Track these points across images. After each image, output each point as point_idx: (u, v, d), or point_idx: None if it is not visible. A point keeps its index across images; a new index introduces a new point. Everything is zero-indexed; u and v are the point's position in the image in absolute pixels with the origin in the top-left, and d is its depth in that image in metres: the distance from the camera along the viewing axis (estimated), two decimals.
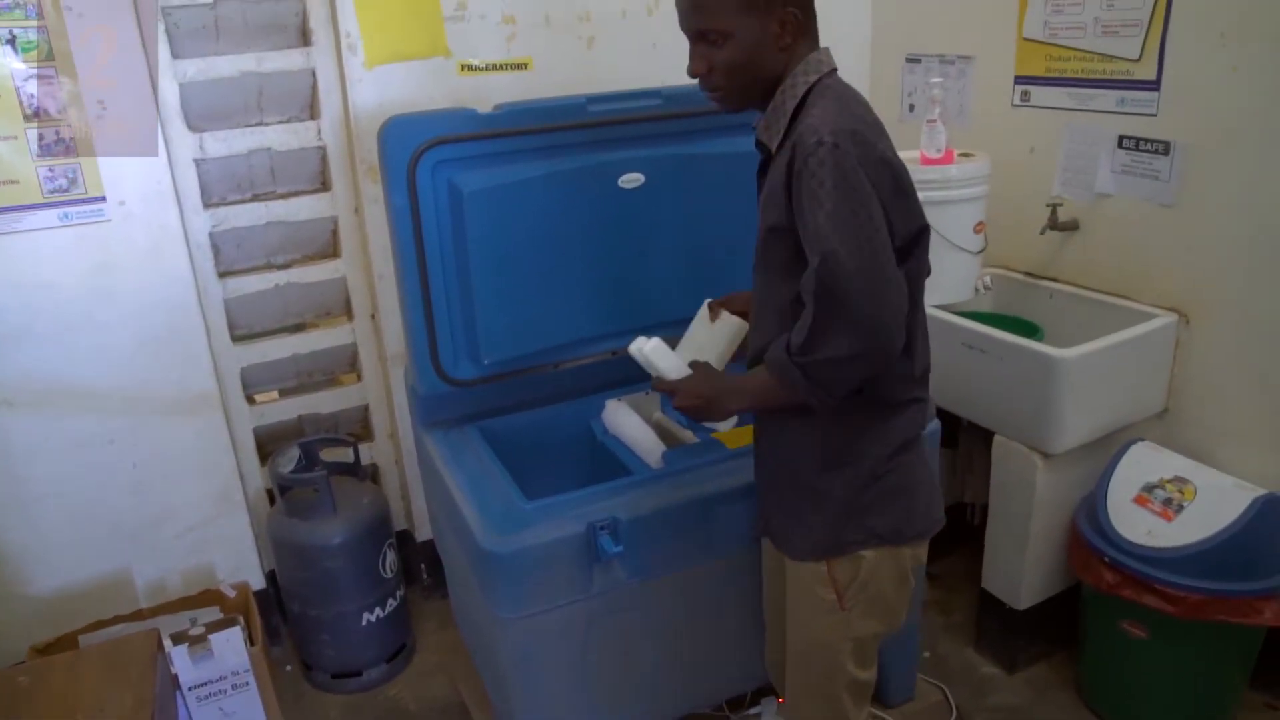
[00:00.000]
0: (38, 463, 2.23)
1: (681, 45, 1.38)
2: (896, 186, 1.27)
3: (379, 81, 2.30)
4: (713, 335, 1.68)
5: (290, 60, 2.31)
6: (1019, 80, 2.46)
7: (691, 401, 1.42)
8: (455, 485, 1.75)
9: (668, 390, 1.47)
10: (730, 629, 1.87)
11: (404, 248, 1.80)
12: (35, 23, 1.99)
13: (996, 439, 2.19)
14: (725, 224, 2.02)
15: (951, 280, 2.32)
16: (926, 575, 2.23)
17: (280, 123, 2.38)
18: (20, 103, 2.02)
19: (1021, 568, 2.22)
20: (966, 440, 2.56)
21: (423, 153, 1.75)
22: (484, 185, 1.79)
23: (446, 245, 1.82)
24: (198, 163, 2.28)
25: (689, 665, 1.87)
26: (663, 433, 2.06)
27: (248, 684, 2.15)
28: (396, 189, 1.76)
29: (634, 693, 1.83)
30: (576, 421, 2.11)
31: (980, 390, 2.22)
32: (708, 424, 1.66)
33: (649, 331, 1.60)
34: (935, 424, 1.86)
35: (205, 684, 2.10)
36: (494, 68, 2.41)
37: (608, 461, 1.99)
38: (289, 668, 2.54)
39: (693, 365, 1.52)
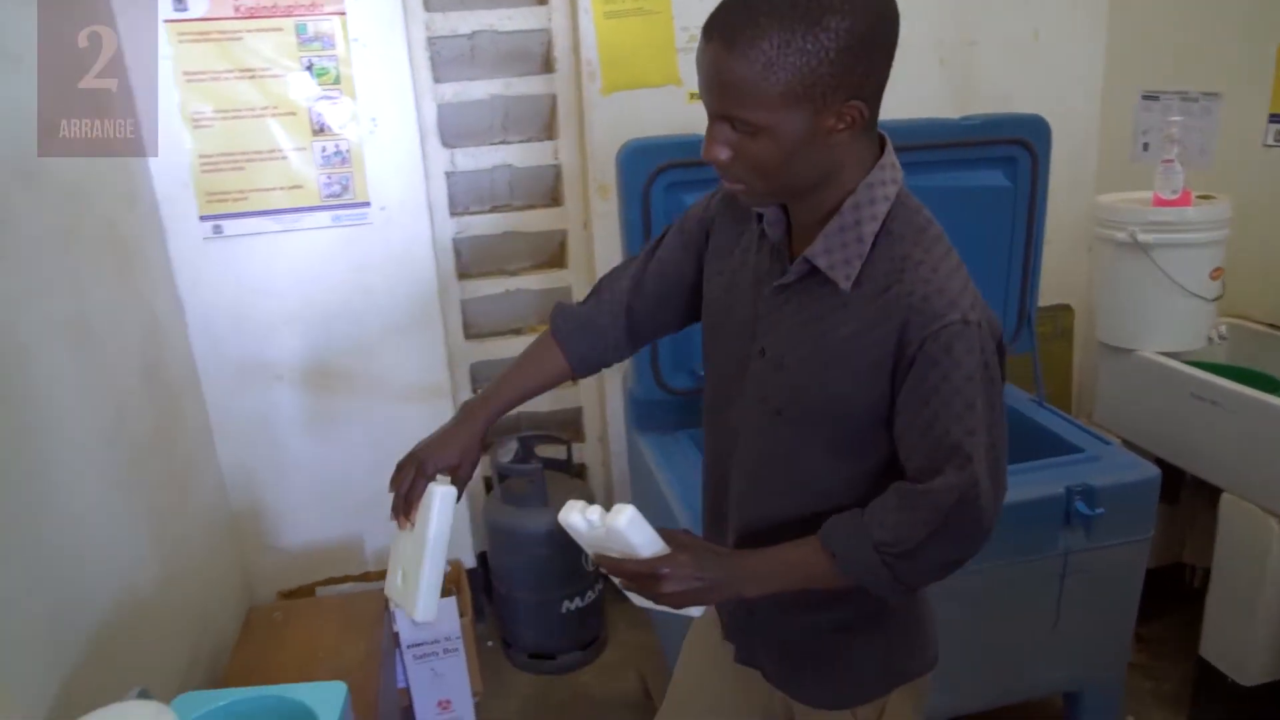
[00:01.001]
0: (296, 434, 2.53)
1: (907, 77, 1.25)
2: (999, 352, 1.05)
3: (613, 106, 2.47)
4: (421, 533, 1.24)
5: (534, 85, 2.53)
6: (1274, 118, 2.32)
7: (688, 585, 1.04)
8: (666, 485, 1.86)
9: (642, 574, 1.04)
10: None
11: None
12: (330, 52, 2.29)
13: (1225, 497, 2.08)
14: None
15: (1181, 327, 2.22)
16: (1136, 637, 2.14)
17: (521, 142, 2.60)
18: (310, 120, 2.32)
19: (1249, 640, 2.07)
20: (1189, 496, 2.42)
21: (658, 174, 1.88)
22: None
23: None
24: (448, 175, 2.53)
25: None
26: None
27: (456, 650, 2.35)
28: (631, 206, 1.90)
29: None
30: None
31: (1208, 444, 2.11)
32: (675, 610, 1.09)
33: None
34: (1155, 472, 1.80)
35: (421, 644, 2.32)
36: None
37: None
38: (490, 643, 2.73)
39: (671, 537, 1.07)
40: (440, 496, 1.21)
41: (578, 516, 1.07)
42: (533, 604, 2.53)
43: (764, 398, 1.11)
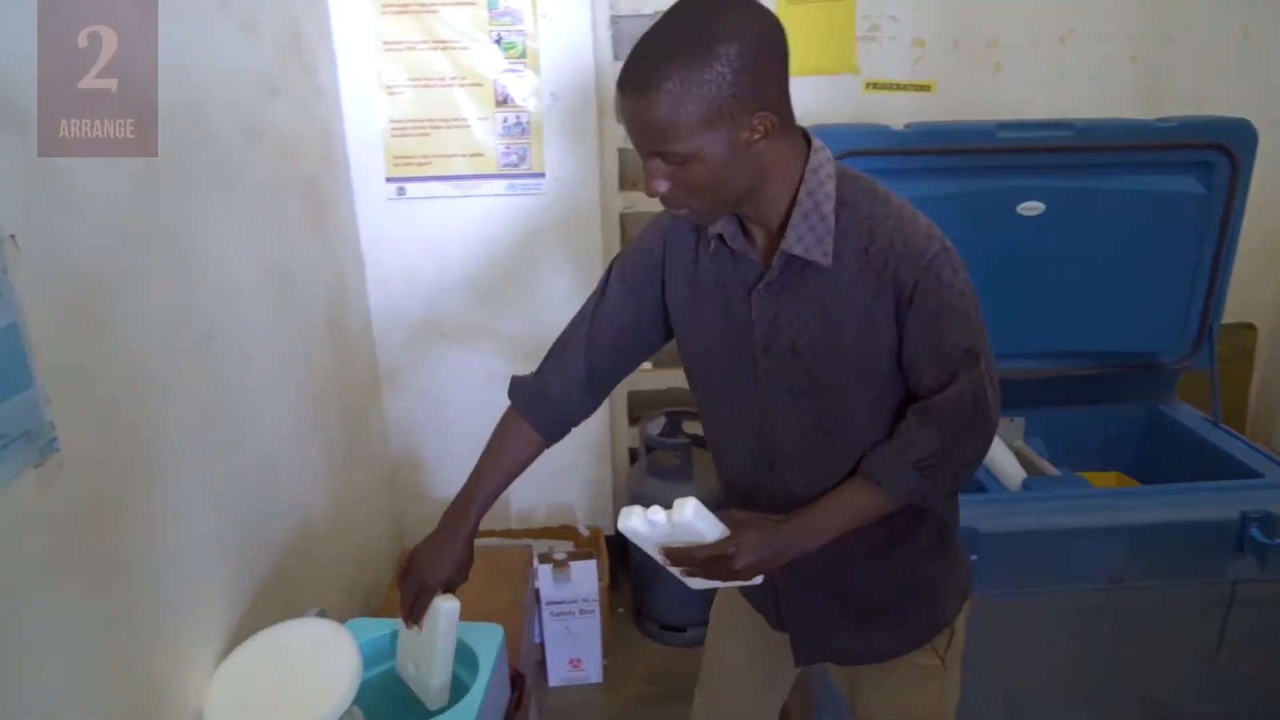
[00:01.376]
0: (455, 390, 2.66)
1: (1092, 74, 1.26)
2: None
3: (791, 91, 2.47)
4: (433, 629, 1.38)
5: None
6: None
7: (758, 557, 1.13)
8: None
9: (714, 556, 1.13)
10: (1054, 664, 1.84)
11: None
12: (518, 26, 2.38)
13: None
14: (1120, 263, 1.99)
15: None
16: None
17: None
18: (495, 91, 2.42)
19: None
20: None
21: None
22: None
23: None
24: (620, 151, 2.59)
25: (1000, 692, 1.86)
26: (1023, 460, 2.05)
27: (593, 611, 2.43)
28: None
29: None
30: None
31: None
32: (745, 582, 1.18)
33: None
34: None
35: (560, 602, 2.41)
36: (898, 87, 2.50)
37: None
38: (621, 610, 2.81)
39: (727, 517, 1.16)
40: (445, 614, 1.37)
41: (639, 520, 1.13)
42: (669, 575, 2.56)
43: (786, 387, 1.19)
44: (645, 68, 1.01)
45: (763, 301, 1.17)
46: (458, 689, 1.47)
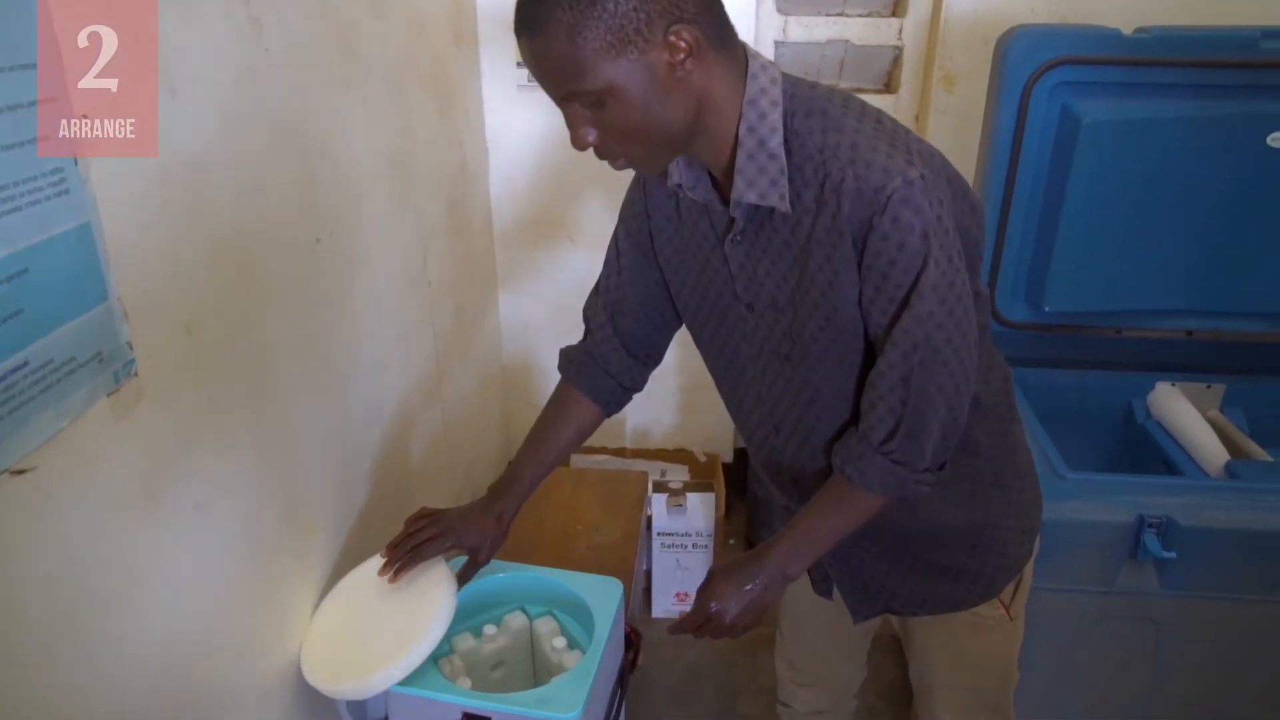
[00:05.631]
0: (580, 298, 2.45)
1: None
2: (970, 205, 0.99)
3: None
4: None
5: None
6: None
7: (741, 604, 1.07)
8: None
9: (700, 620, 1.09)
10: (1252, 682, 1.60)
11: (993, 171, 1.67)
12: None
13: None
14: None
15: None
16: None
17: (862, 16, 2.31)
18: None
19: None
20: None
21: (1044, 71, 1.58)
22: (1108, 118, 1.59)
23: (1042, 176, 1.67)
24: (777, 45, 2.31)
25: (1186, 703, 1.63)
26: (1222, 435, 1.76)
27: (706, 547, 2.28)
28: (1005, 106, 1.62)
29: (1114, 706, 1.65)
30: (1115, 394, 1.88)
31: None
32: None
33: None
34: None
35: (673, 534, 2.26)
36: None
37: (1148, 449, 1.77)
38: (732, 542, 2.66)
39: (699, 591, 1.12)
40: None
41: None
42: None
43: (773, 348, 1.06)
44: (532, 3, 0.86)
45: (738, 255, 1.03)
46: (571, 645, 1.34)
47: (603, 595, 1.35)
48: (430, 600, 1.22)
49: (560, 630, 1.38)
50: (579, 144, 0.93)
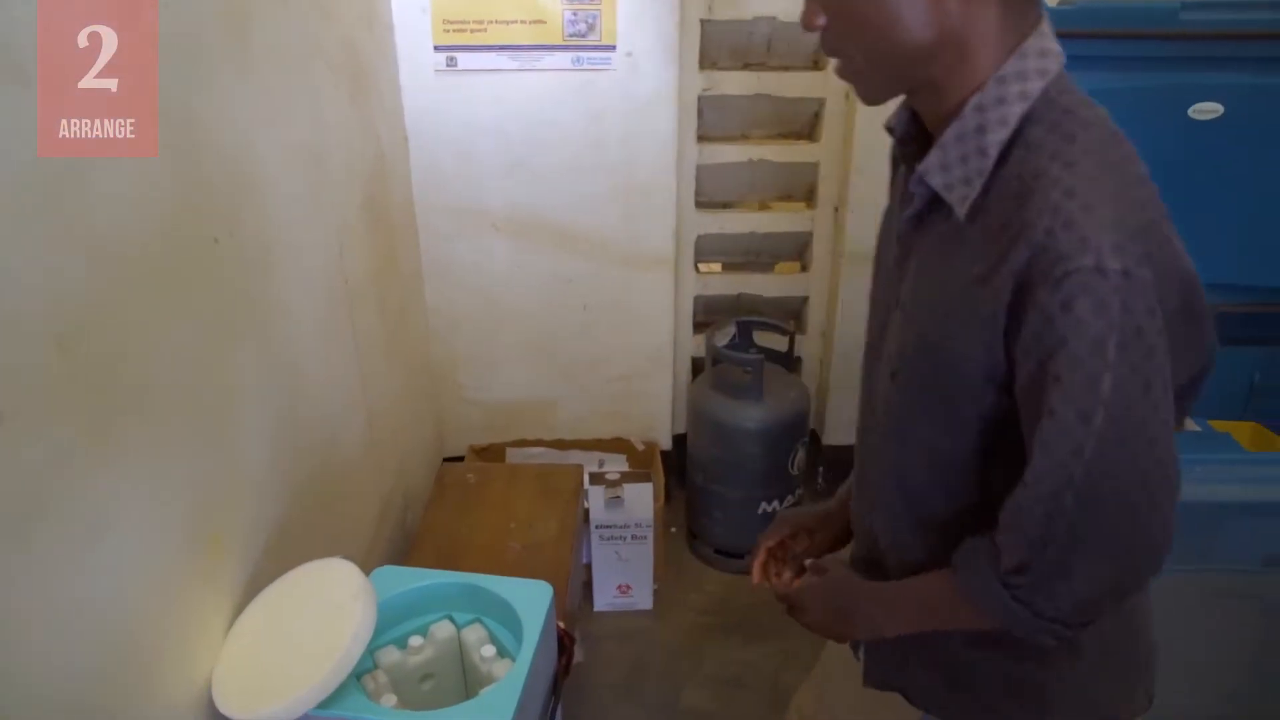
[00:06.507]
0: (509, 289, 2.42)
1: None
2: (1189, 312, 0.79)
3: None
4: None
5: None
6: None
7: (815, 617, 1.00)
8: None
9: (786, 598, 1.04)
10: None
11: None
12: None
13: None
14: None
15: None
16: None
17: None
18: None
19: None
20: None
21: None
22: None
23: None
24: (704, 23, 2.25)
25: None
26: None
27: (646, 538, 2.25)
28: None
29: None
30: None
31: None
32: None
33: None
34: None
35: (612, 526, 2.22)
36: None
37: None
38: (674, 529, 2.63)
39: (817, 566, 1.04)
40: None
41: None
42: (730, 500, 2.38)
43: (889, 356, 0.91)
44: None
45: (908, 240, 0.89)
46: (501, 653, 1.29)
47: (531, 600, 1.30)
48: (347, 613, 1.15)
49: (489, 638, 1.33)
50: (807, 22, 0.81)
